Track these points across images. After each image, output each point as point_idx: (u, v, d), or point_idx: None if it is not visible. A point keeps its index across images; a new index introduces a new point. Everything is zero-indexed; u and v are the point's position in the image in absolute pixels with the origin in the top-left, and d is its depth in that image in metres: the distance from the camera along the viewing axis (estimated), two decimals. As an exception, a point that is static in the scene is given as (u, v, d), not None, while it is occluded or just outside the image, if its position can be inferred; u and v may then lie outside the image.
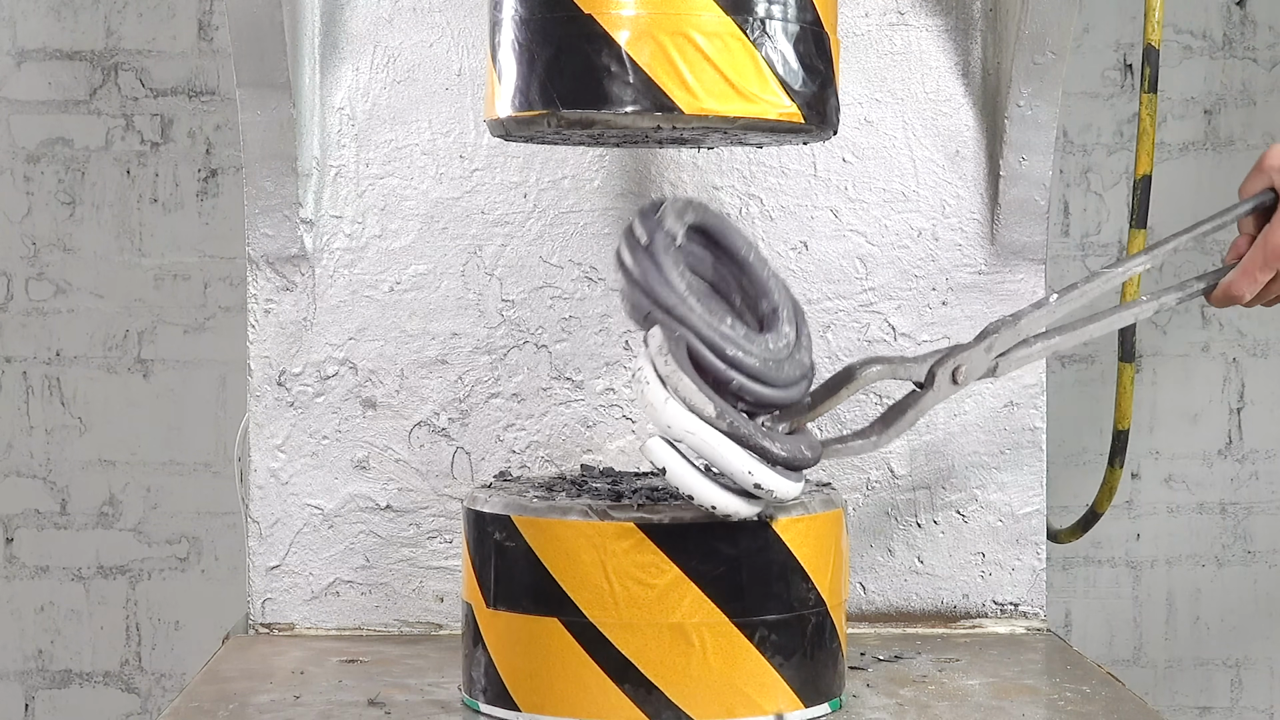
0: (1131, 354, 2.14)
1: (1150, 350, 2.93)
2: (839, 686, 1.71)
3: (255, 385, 2.05)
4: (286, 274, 2.05)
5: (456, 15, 2.05)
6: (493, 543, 1.66)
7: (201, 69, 2.87)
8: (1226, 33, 2.94)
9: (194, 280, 2.89)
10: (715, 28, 1.61)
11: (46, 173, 2.87)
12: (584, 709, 1.62)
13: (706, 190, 2.06)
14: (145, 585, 2.90)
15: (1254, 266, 1.78)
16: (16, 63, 2.86)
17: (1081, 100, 2.91)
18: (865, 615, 2.08)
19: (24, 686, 2.90)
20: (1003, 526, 2.09)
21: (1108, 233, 2.94)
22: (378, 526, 2.06)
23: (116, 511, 2.90)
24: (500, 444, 2.07)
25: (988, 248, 2.07)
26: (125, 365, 2.89)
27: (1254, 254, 1.78)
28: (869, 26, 2.07)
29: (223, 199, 2.88)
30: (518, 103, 1.66)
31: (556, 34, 1.62)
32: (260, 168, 1.99)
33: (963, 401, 2.07)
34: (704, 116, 1.62)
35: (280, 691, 1.79)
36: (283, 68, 1.91)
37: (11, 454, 2.89)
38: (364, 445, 2.06)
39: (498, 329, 2.06)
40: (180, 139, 2.88)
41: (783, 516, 1.63)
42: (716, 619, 1.61)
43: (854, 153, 2.07)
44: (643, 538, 1.60)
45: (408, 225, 2.06)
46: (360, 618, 2.06)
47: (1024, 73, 1.97)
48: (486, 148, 2.05)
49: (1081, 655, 1.98)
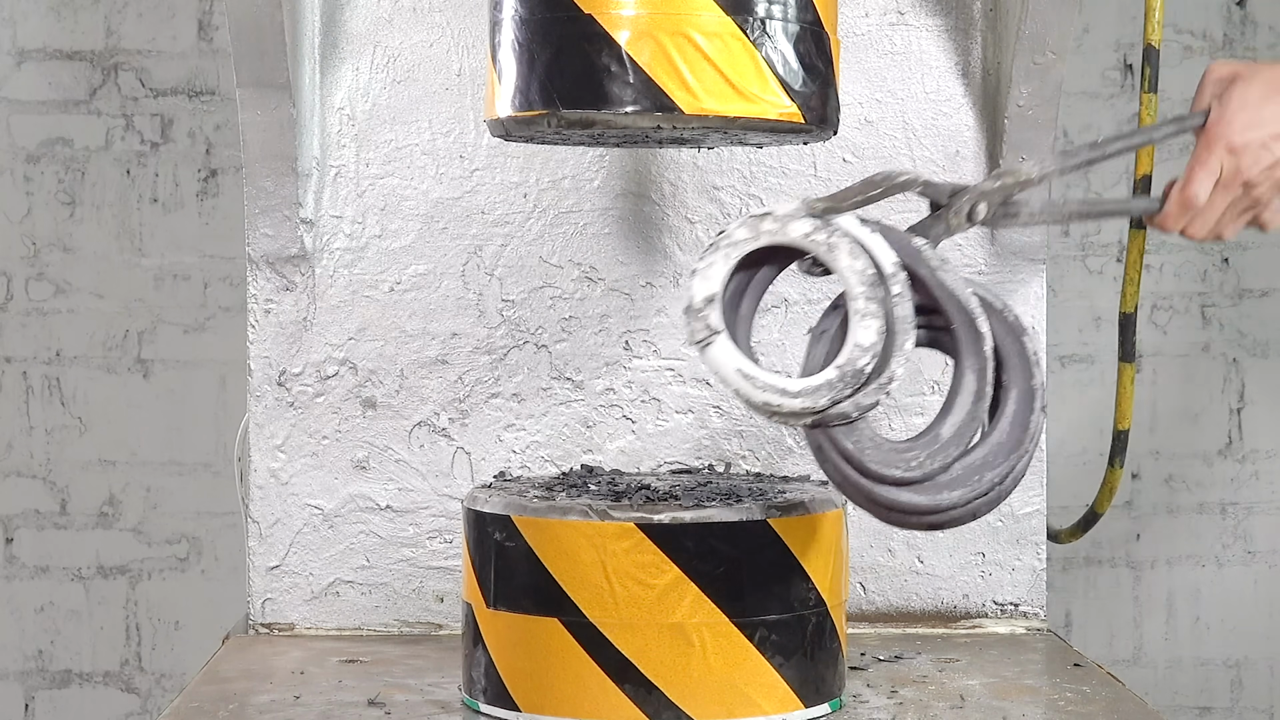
0: (1131, 354, 2.13)
1: (1150, 350, 2.93)
2: (839, 686, 1.71)
3: (255, 385, 2.05)
4: (286, 274, 2.05)
5: (456, 15, 2.05)
6: (493, 543, 1.66)
7: (201, 69, 2.87)
8: (1226, 33, 2.94)
9: (194, 280, 2.89)
10: (715, 28, 1.61)
11: (46, 173, 2.87)
12: (584, 709, 1.62)
13: (707, 190, 2.06)
14: (145, 585, 2.90)
15: (1173, 215, 1.79)
16: (16, 63, 2.86)
17: (1081, 100, 2.91)
18: (865, 615, 2.08)
19: (24, 686, 2.90)
20: (1003, 526, 2.09)
21: (1108, 233, 2.94)
22: (378, 526, 2.06)
23: (116, 511, 2.90)
24: (500, 444, 2.06)
25: (988, 248, 2.07)
26: (125, 365, 2.89)
27: (1170, 206, 1.79)
28: (869, 26, 2.07)
29: (223, 199, 2.88)
30: (518, 103, 1.66)
31: (556, 34, 1.62)
32: (260, 168, 1.99)
33: (963, 401, 2.07)
34: (704, 116, 1.62)
35: (280, 691, 1.79)
36: (283, 68, 1.91)
37: (11, 454, 2.89)
38: (364, 445, 2.06)
39: (498, 329, 2.06)
40: (180, 139, 2.88)
41: (783, 517, 1.63)
42: (716, 619, 1.61)
43: (854, 153, 2.07)
44: (643, 538, 1.60)
45: (408, 225, 2.06)
46: (360, 618, 2.06)
47: (1024, 73, 1.97)
48: (486, 148, 2.05)
49: (1082, 655, 1.98)
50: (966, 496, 1.57)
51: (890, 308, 1.54)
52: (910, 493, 1.57)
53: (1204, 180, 1.79)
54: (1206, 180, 1.79)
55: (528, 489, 1.73)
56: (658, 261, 2.06)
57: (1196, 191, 1.79)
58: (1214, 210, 1.78)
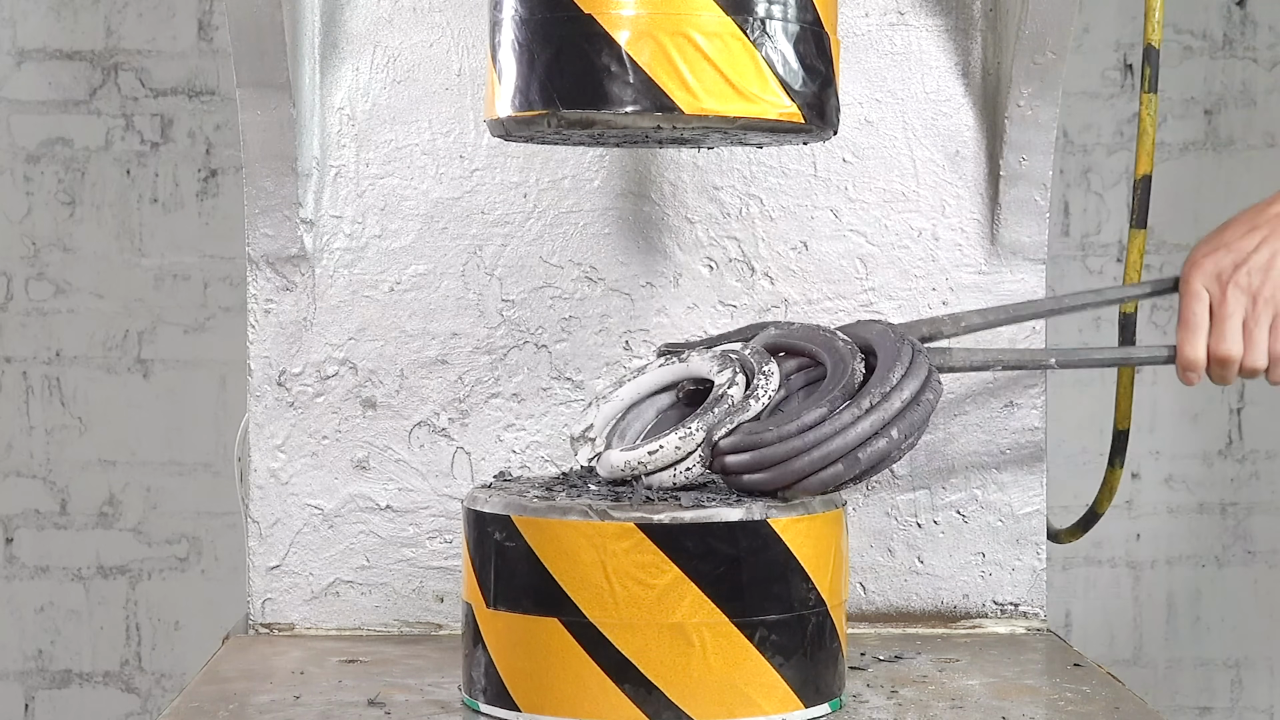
0: (1132, 354, 2.13)
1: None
2: (839, 686, 1.71)
3: (255, 385, 2.05)
4: (286, 274, 2.05)
5: (456, 15, 2.05)
6: (493, 543, 1.66)
7: (201, 69, 2.87)
8: (1226, 33, 2.94)
9: (194, 280, 2.89)
10: (715, 28, 1.61)
11: (46, 173, 2.87)
12: (584, 709, 1.62)
13: (707, 190, 2.06)
14: (145, 585, 2.90)
15: (1187, 346, 1.89)
16: (16, 63, 2.86)
17: (1081, 100, 2.91)
18: (865, 615, 2.08)
19: (24, 686, 2.90)
20: (1003, 526, 2.09)
21: (1108, 233, 2.94)
22: (378, 526, 2.06)
23: (116, 511, 2.90)
24: (500, 444, 2.07)
25: (988, 248, 2.07)
26: (125, 365, 2.89)
27: (1180, 347, 1.90)
28: (869, 26, 2.07)
29: (223, 199, 2.88)
30: (518, 103, 1.66)
31: (556, 34, 1.62)
32: (260, 168, 1.99)
33: (963, 402, 2.07)
34: (704, 116, 1.62)
35: (280, 691, 1.79)
36: (283, 68, 1.91)
37: (11, 454, 2.89)
38: (364, 445, 2.06)
39: (498, 329, 2.06)
40: (180, 139, 2.88)
41: (783, 517, 1.63)
42: (716, 619, 1.61)
43: (854, 153, 2.07)
44: (643, 538, 1.60)
45: (408, 225, 2.06)
46: (360, 618, 2.06)
47: (1024, 73, 1.97)
48: (486, 148, 2.05)
49: (1081, 655, 1.98)
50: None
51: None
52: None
53: (1195, 305, 1.88)
54: (1198, 305, 1.88)
55: (528, 489, 1.73)
56: (658, 261, 2.06)
57: (1193, 312, 1.87)
58: (1231, 324, 1.84)
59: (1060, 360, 1.93)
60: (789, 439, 1.63)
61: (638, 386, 1.78)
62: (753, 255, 2.06)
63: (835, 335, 1.75)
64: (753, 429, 1.65)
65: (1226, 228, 1.92)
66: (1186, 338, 1.88)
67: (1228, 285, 1.86)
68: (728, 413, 1.66)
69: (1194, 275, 1.89)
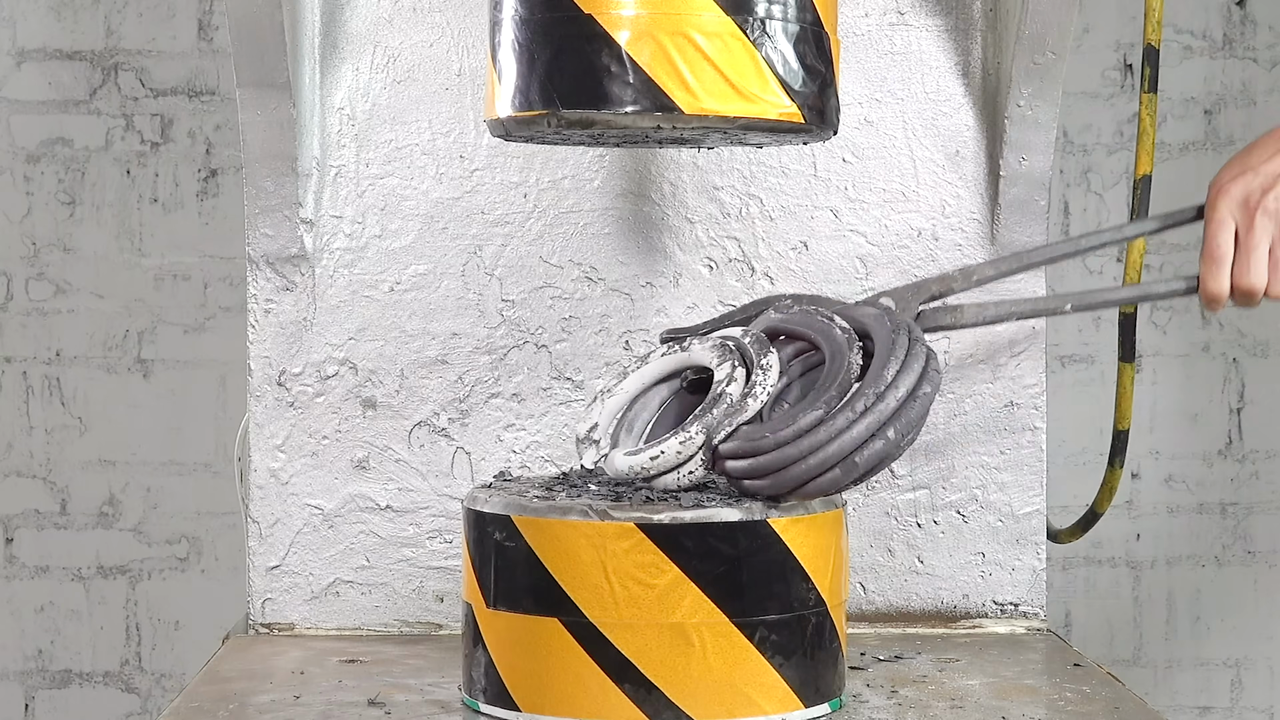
0: (1131, 354, 2.13)
1: (1150, 350, 2.93)
2: (839, 686, 1.71)
3: (255, 385, 2.05)
4: (286, 274, 2.05)
5: (456, 15, 2.05)
6: (493, 543, 1.66)
7: (201, 69, 2.87)
8: (1226, 33, 2.94)
9: (194, 280, 2.89)
10: (715, 28, 1.61)
11: (46, 173, 2.87)
12: (584, 709, 1.62)
13: (707, 190, 2.06)
14: (145, 585, 2.90)
15: (1211, 275, 1.81)
16: (16, 63, 2.86)
17: (1081, 100, 2.91)
18: (865, 615, 2.08)
19: (24, 686, 2.90)
20: (1003, 526, 2.09)
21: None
22: (378, 526, 2.06)
23: (116, 511, 2.90)
24: (500, 444, 2.07)
25: (988, 248, 2.07)
26: (125, 365, 2.89)
27: (1202, 272, 1.81)
28: (869, 26, 2.07)
29: (223, 199, 2.88)
30: (518, 103, 1.66)
31: (556, 34, 1.63)
32: (260, 168, 1.99)
33: (963, 401, 2.07)
34: (704, 116, 1.62)
35: (280, 691, 1.79)
36: (283, 68, 1.92)
37: (11, 454, 2.89)
38: (364, 445, 2.06)
39: (498, 329, 2.06)
40: (180, 139, 2.88)
41: (783, 517, 1.63)
42: (716, 619, 1.61)
43: (854, 153, 2.07)
44: (643, 538, 1.60)
45: (408, 225, 2.06)
46: (360, 618, 2.06)
47: (1024, 73, 1.97)
48: (486, 148, 2.05)
49: (1081, 655, 1.98)
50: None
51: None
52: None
53: (1220, 235, 1.79)
54: (1223, 234, 1.79)
55: (528, 489, 1.73)
56: (658, 261, 2.06)
57: (1218, 243, 1.79)
58: (1258, 254, 1.78)
59: (1075, 304, 1.87)
60: (785, 446, 1.62)
61: (641, 377, 1.78)
62: (753, 255, 2.06)
63: (834, 322, 1.74)
64: (750, 434, 1.65)
65: (1252, 150, 1.83)
66: (1210, 269, 1.80)
67: (1255, 211, 1.78)
68: (726, 413, 1.66)
69: (1220, 201, 1.80)
